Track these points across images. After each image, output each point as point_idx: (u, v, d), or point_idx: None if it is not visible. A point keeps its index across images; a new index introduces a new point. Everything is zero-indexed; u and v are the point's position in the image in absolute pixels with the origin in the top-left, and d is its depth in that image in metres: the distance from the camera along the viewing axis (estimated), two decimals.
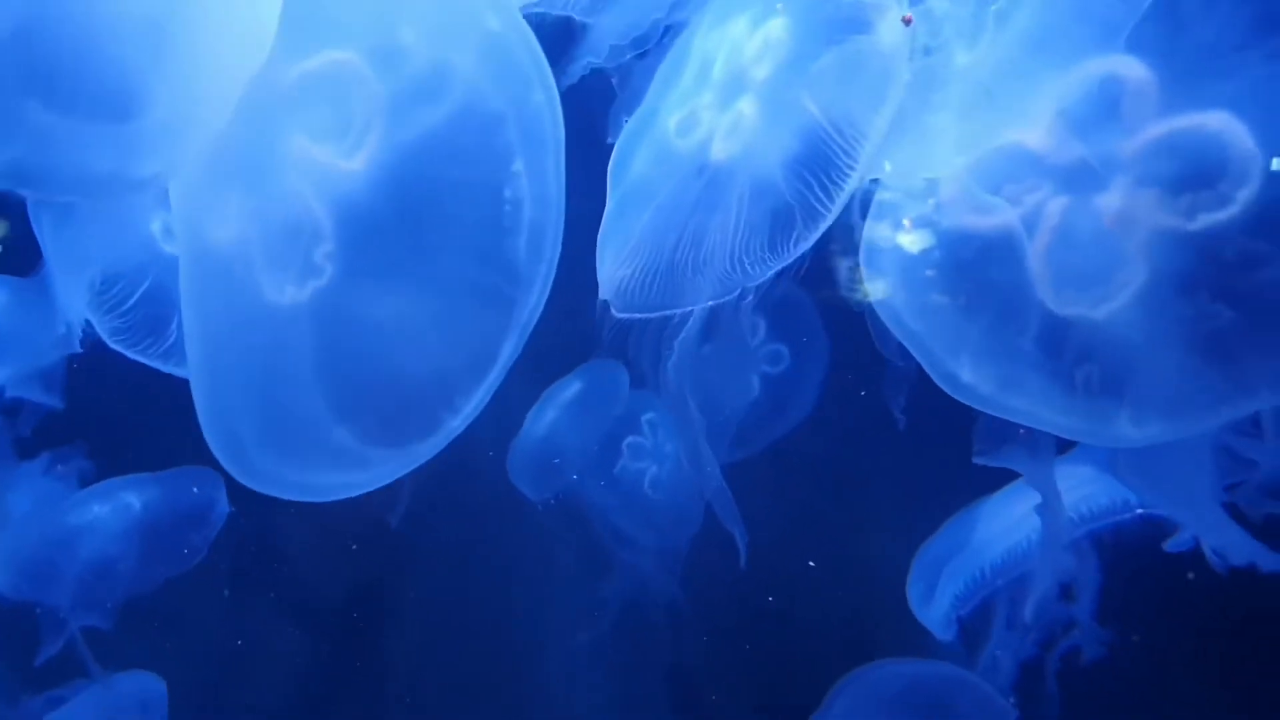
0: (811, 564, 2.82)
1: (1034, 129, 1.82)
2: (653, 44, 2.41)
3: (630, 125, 2.35)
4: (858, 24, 2.04)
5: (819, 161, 2.16)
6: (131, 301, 2.64)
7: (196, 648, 3.10)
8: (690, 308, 2.23)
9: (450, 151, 1.86)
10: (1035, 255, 1.82)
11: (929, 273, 1.90)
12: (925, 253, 1.88)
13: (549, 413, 2.95)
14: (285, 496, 2.07)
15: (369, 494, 2.07)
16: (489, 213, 1.91)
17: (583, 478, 2.96)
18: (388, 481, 2.05)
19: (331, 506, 2.08)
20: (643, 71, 2.42)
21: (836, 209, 2.10)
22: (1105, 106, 1.77)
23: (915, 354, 1.92)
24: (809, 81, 2.14)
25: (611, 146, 2.32)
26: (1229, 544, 1.97)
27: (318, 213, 1.83)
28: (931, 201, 1.87)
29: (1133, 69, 1.76)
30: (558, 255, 1.99)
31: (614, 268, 2.29)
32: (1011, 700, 2.42)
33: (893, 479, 2.65)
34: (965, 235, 1.89)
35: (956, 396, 1.90)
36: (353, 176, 1.82)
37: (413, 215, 1.87)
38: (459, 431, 2.01)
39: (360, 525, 2.96)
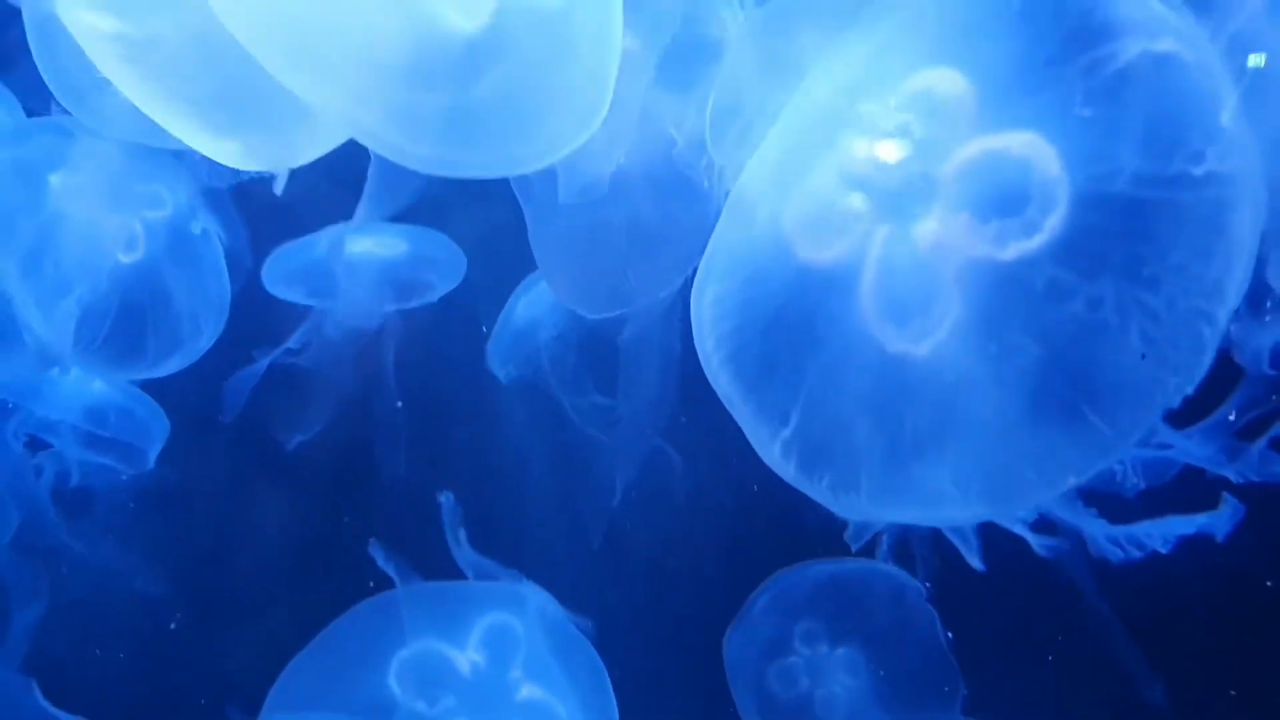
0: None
1: (861, 149, 1.70)
2: None
3: None
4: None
5: None
6: (105, 331, 2.75)
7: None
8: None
9: None
10: (864, 286, 1.70)
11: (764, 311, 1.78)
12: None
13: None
14: None
15: None
16: None
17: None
18: None
19: None
20: None
21: None
22: (927, 124, 1.64)
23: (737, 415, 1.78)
24: None
25: None
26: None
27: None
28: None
29: (952, 83, 1.63)
30: None
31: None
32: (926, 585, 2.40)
33: None
34: (804, 266, 1.77)
35: (774, 463, 1.76)
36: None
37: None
38: None
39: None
